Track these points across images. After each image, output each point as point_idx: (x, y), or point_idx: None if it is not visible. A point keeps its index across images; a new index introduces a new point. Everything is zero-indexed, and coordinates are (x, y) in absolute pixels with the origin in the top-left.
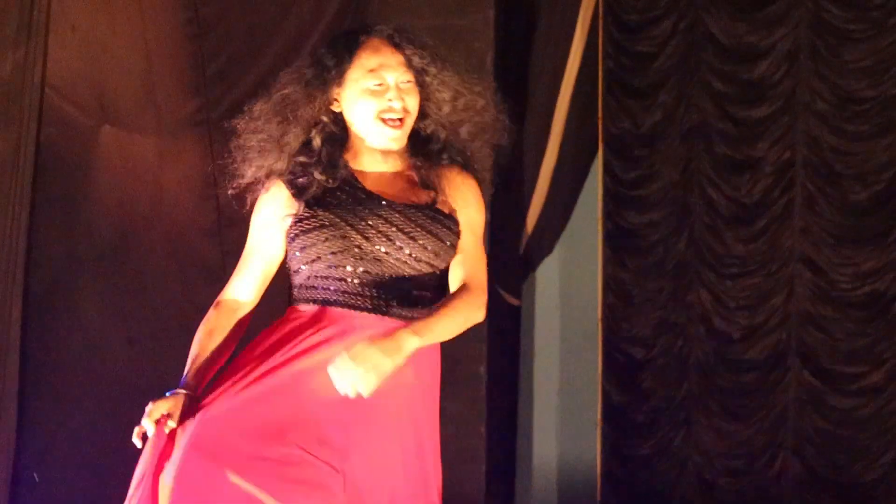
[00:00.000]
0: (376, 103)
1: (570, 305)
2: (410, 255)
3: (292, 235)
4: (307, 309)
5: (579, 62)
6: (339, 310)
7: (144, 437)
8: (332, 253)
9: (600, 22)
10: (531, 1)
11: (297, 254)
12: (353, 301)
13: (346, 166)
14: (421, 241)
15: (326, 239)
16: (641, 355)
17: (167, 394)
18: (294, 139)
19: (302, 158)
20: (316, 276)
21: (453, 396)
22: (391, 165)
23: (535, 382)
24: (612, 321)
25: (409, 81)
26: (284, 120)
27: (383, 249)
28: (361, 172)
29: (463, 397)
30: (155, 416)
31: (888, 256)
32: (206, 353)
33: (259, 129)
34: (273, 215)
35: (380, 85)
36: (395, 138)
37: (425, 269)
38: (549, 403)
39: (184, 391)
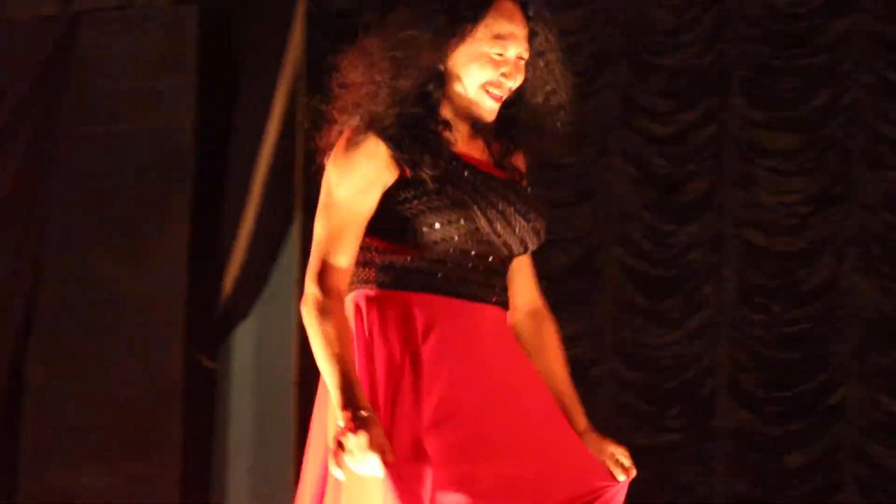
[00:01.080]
0: (490, 73)
1: (266, 368)
2: (520, 237)
3: (414, 212)
4: (405, 296)
5: (278, 129)
6: (448, 299)
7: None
8: (460, 235)
9: (301, 90)
10: (233, 67)
11: (415, 232)
12: (464, 289)
13: (448, 132)
14: (532, 224)
15: (459, 219)
16: None
17: (361, 412)
18: (408, 85)
19: (416, 110)
20: (429, 260)
21: (146, 458)
22: (471, 135)
23: (230, 445)
24: (306, 384)
25: (524, 60)
26: (401, 63)
27: (498, 230)
28: (453, 137)
29: (156, 460)
30: (389, 457)
31: (587, 322)
32: (350, 354)
33: (370, 67)
34: (377, 179)
35: (500, 55)
36: (493, 110)
37: (519, 253)
38: (244, 466)
39: (370, 412)
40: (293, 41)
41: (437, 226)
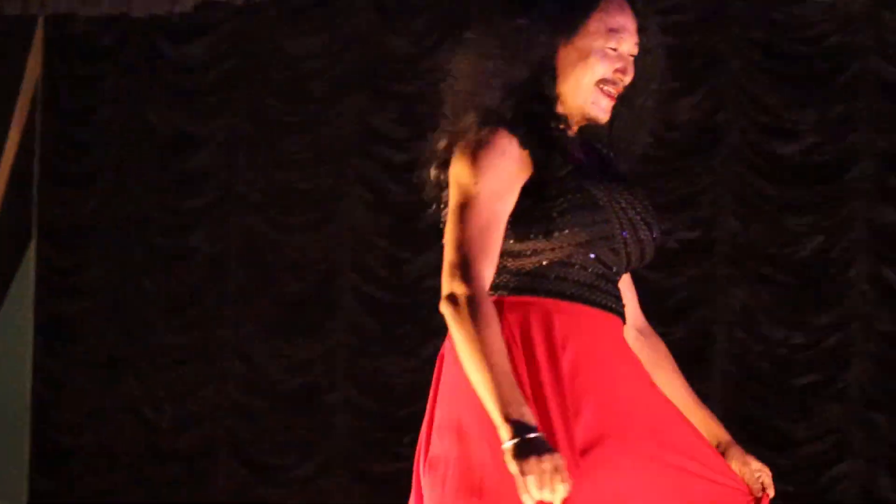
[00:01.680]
0: (606, 69)
1: (1, 394)
2: (641, 249)
3: (558, 211)
4: (534, 301)
5: (16, 149)
6: (582, 307)
7: None
8: (602, 238)
9: (38, 109)
10: None
11: (554, 234)
12: (591, 296)
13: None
14: (654, 232)
15: (603, 221)
16: (70, 444)
17: (538, 435)
18: (523, 79)
19: (535, 105)
20: (557, 262)
21: None
22: (585, 139)
23: None
24: (42, 410)
25: (634, 55)
26: (513, 54)
27: (627, 238)
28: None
29: None
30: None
31: (321, 349)
32: (511, 366)
33: (480, 59)
34: (516, 176)
35: (614, 49)
36: (607, 108)
37: (637, 265)
38: None
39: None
40: (31, 64)
41: (576, 228)
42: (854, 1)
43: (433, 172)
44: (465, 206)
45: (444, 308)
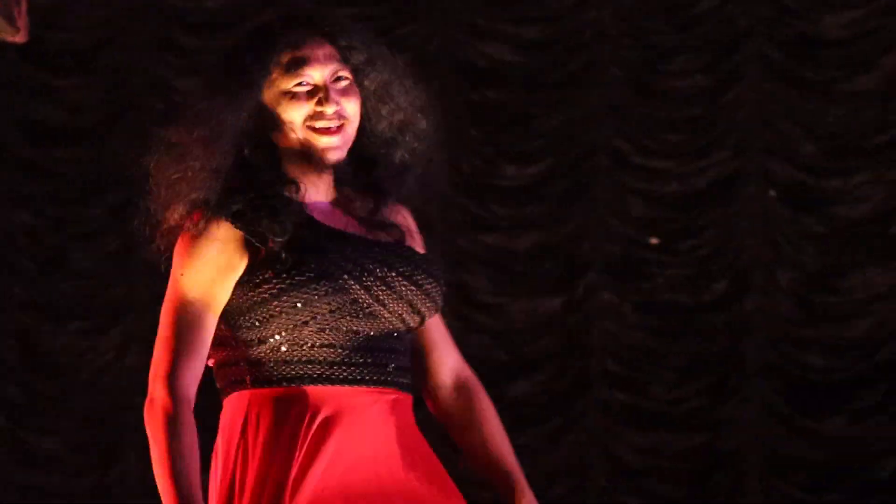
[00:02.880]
0: (304, 108)
1: None
2: (410, 305)
3: (273, 291)
4: (279, 394)
5: None
6: (331, 388)
7: None
8: (331, 311)
9: None
10: None
11: (278, 317)
12: (345, 374)
13: (296, 200)
14: (425, 287)
15: (326, 293)
16: None
17: None
18: (225, 160)
19: (243, 178)
20: (294, 346)
21: None
22: (326, 193)
23: None
24: None
25: (345, 79)
26: (209, 139)
27: (380, 300)
28: (306, 206)
29: None
30: None
31: None
32: (197, 474)
33: (182, 155)
34: (226, 265)
35: (302, 84)
36: (331, 146)
37: (414, 323)
38: None
39: None
40: None
41: (301, 304)
42: None
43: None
44: (172, 301)
45: (145, 411)
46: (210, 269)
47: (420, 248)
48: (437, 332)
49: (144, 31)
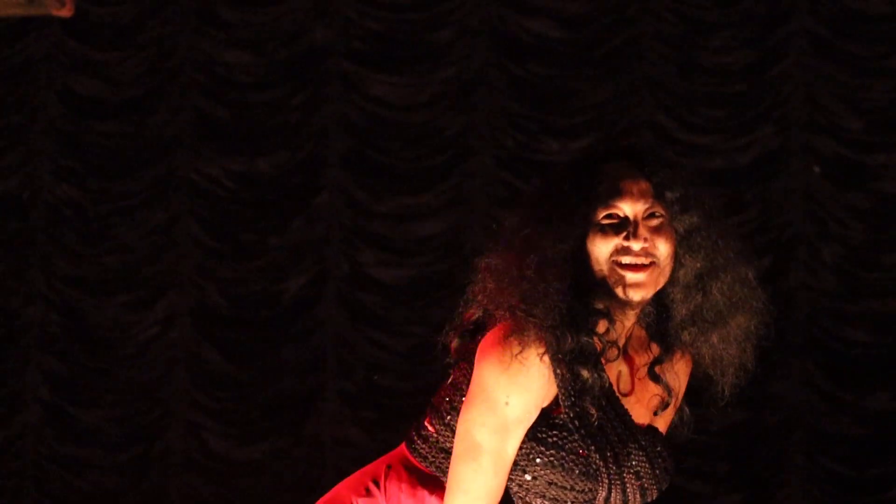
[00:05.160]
0: (611, 242)
1: None
2: (647, 501)
3: (532, 454)
4: None
5: None
6: None
7: None
8: (574, 501)
9: None
10: None
11: (529, 478)
12: None
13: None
14: (662, 486)
15: (581, 490)
16: None
17: None
18: (555, 286)
19: (568, 318)
20: (519, 498)
21: None
22: (631, 346)
23: None
24: None
25: (659, 216)
26: (536, 262)
27: (620, 501)
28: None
29: None
30: None
31: None
32: None
33: (516, 264)
34: (534, 408)
35: (613, 217)
36: (636, 282)
37: None
38: None
39: None
40: None
41: (550, 482)
42: None
43: (455, 341)
44: (486, 427)
45: None
46: (527, 410)
47: (673, 409)
48: None
49: (186, 5)
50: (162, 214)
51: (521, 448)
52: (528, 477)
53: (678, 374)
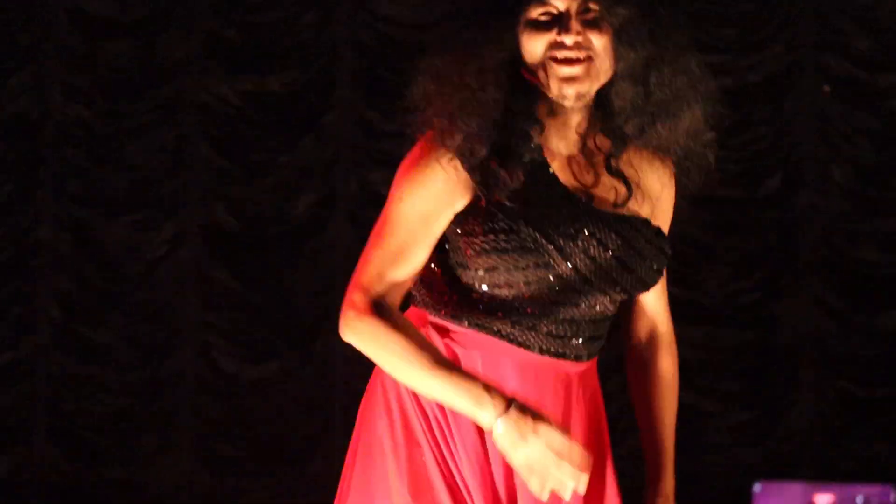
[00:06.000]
0: (544, 38)
1: None
2: (621, 287)
3: (478, 248)
4: (464, 332)
5: None
6: (507, 345)
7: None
8: (527, 283)
9: None
10: None
11: (479, 272)
12: (527, 339)
13: (537, 145)
14: (639, 272)
15: (526, 267)
16: None
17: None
18: (493, 95)
19: (503, 123)
20: (487, 298)
21: None
22: (578, 142)
23: None
24: None
25: (591, 10)
26: (475, 69)
27: (589, 280)
28: (548, 149)
29: None
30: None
31: None
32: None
33: (449, 77)
34: (447, 202)
35: (547, 14)
36: (571, 75)
37: (622, 299)
38: None
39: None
40: None
41: (499, 269)
42: None
43: None
44: (387, 222)
45: (344, 322)
46: (429, 202)
47: (657, 208)
48: (651, 290)
49: None
50: (171, 134)
51: (457, 247)
52: (472, 272)
53: (641, 169)
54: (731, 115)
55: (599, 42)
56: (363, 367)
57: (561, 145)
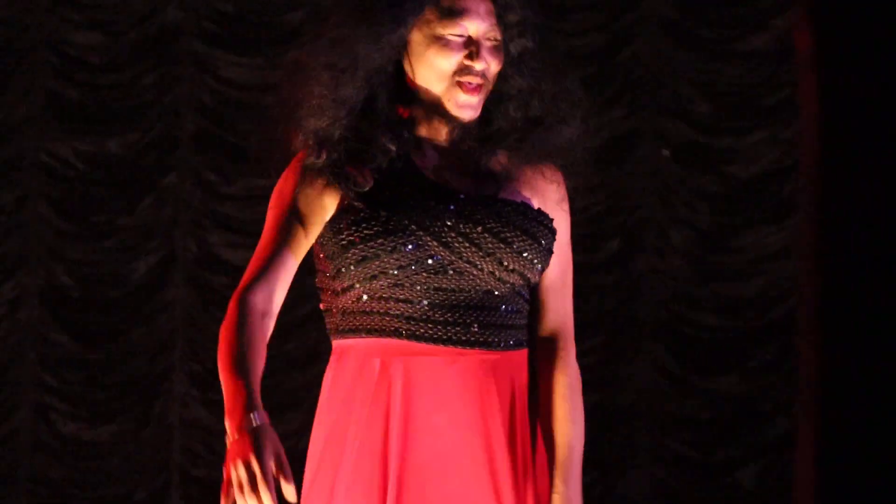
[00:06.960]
0: (453, 59)
1: None
2: (500, 263)
3: (344, 242)
4: (360, 344)
5: None
6: (405, 343)
7: None
8: (400, 267)
9: None
10: None
11: (352, 268)
12: (423, 331)
13: (407, 140)
14: (517, 245)
15: (394, 248)
16: None
17: (253, 418)
18: (355, 95)
19: (363, 121)
20: (372, 298)
21: None
22: (451, 143)
23: None
24: None
25: (495, 40)
26: (341, 68)
27: (465, 257)
28: (418, 152)
29: None
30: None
31: None
32: (257, 367)
33: (310, 79)
34: (317, 202)
35: (459, 36)
36: (469, 104)
37: (518, 281)
38: None
39: (263, 421)
40: None
41: (369, 258)
42: None
43: None
44: (264, 229)
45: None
46: (307, 201)
47: (544, 200)
48: (547, 288)
49: None
50: (11, 195)
51: (333, 253)
52: (346, 272)
53: (521, 170)
54: (569, 179)
55: (495, 70)
56: (201, 431)
57: (433, 145)
